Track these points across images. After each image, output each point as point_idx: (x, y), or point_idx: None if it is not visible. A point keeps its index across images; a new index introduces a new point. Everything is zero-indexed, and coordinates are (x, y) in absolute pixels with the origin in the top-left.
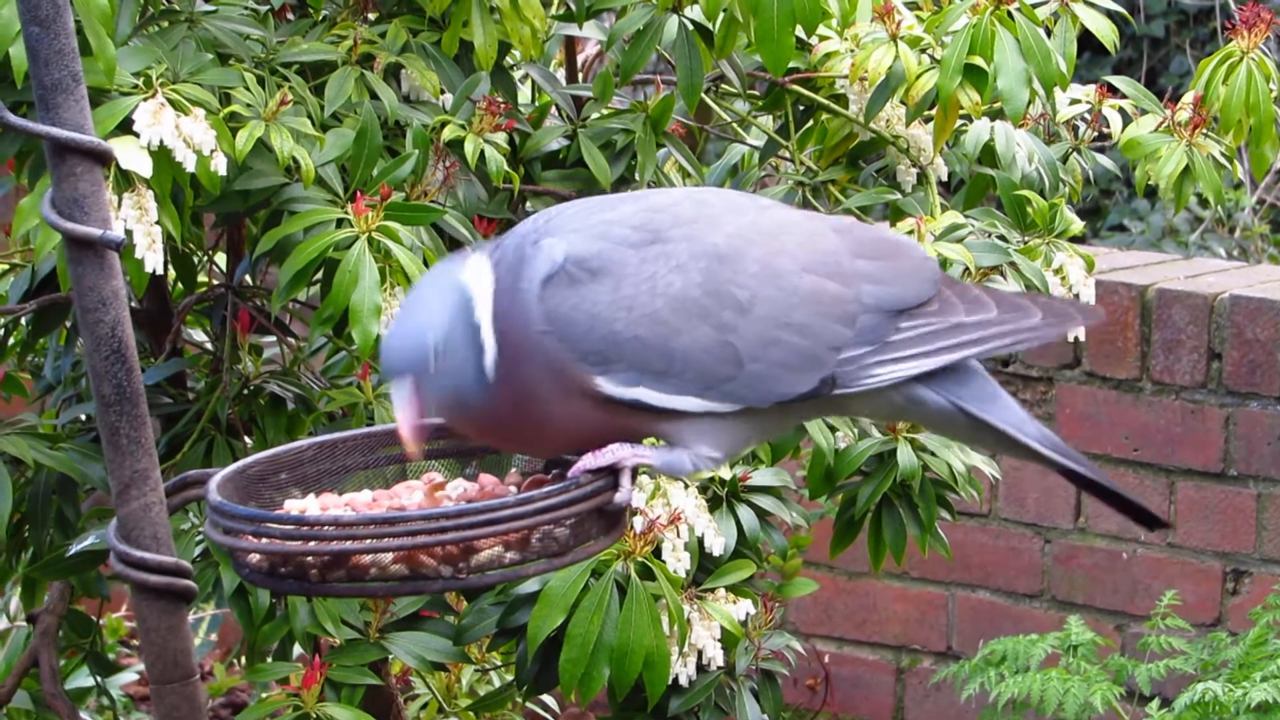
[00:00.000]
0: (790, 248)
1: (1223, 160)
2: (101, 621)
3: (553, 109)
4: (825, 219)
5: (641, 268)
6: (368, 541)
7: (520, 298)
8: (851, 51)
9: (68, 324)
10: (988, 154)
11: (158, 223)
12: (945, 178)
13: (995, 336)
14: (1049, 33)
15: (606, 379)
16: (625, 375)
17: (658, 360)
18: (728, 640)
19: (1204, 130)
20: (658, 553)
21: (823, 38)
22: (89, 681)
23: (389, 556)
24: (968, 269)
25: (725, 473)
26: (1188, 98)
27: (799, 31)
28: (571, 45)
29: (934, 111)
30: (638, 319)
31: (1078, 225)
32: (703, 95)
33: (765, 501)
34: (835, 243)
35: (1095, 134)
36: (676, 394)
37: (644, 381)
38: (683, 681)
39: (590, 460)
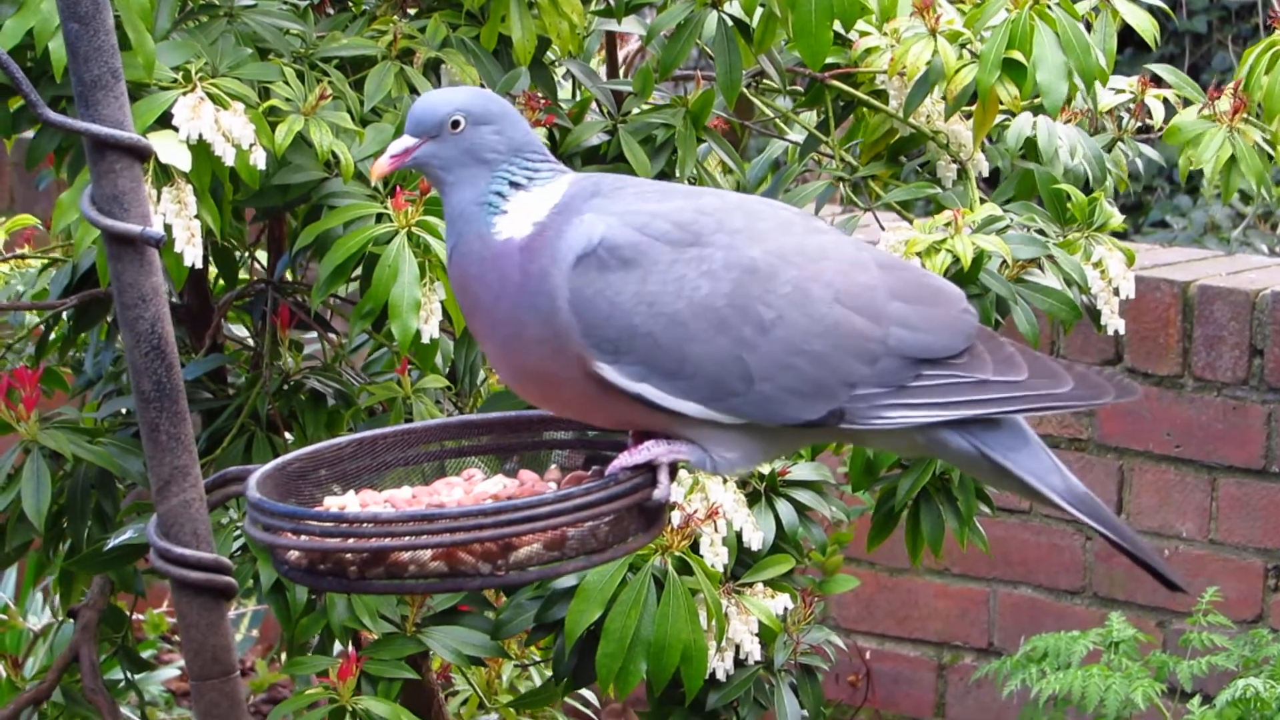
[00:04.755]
0: (827, 275)
1: (1266, 146)
2: (141, 617)
3: (593, 104)
4: (874, 252)
5: (672, 267)
6: (406, 539)
7: (558, 258)
8: (891, 47)
9: (108, 319)
10: (1030, 149)
11: (197, 217)
12: (986, 173)
13: (1019, 400)
14: (1089, 27)
15: (615, 369)
16: (634, 369)
17: (668, 361)
18: (766, 635)
19: (1244, 115)
20: (695, 547)
21: (863, 33)
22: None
23: (428, 553)
24: (1005, 261)
25: (764, 467)
26: (1230, 88)
27: (837, 26)
28: (612, 40)
29: (974, 106)
30: (657, 316)
31: (1118, 219)
32: (743, 91)
33: (805, 496)
34: (876, 278)
35: (1139, 125)
36: (681, 397)
37: (650, 379)
38: (720, 676)
39: (626, 458)
